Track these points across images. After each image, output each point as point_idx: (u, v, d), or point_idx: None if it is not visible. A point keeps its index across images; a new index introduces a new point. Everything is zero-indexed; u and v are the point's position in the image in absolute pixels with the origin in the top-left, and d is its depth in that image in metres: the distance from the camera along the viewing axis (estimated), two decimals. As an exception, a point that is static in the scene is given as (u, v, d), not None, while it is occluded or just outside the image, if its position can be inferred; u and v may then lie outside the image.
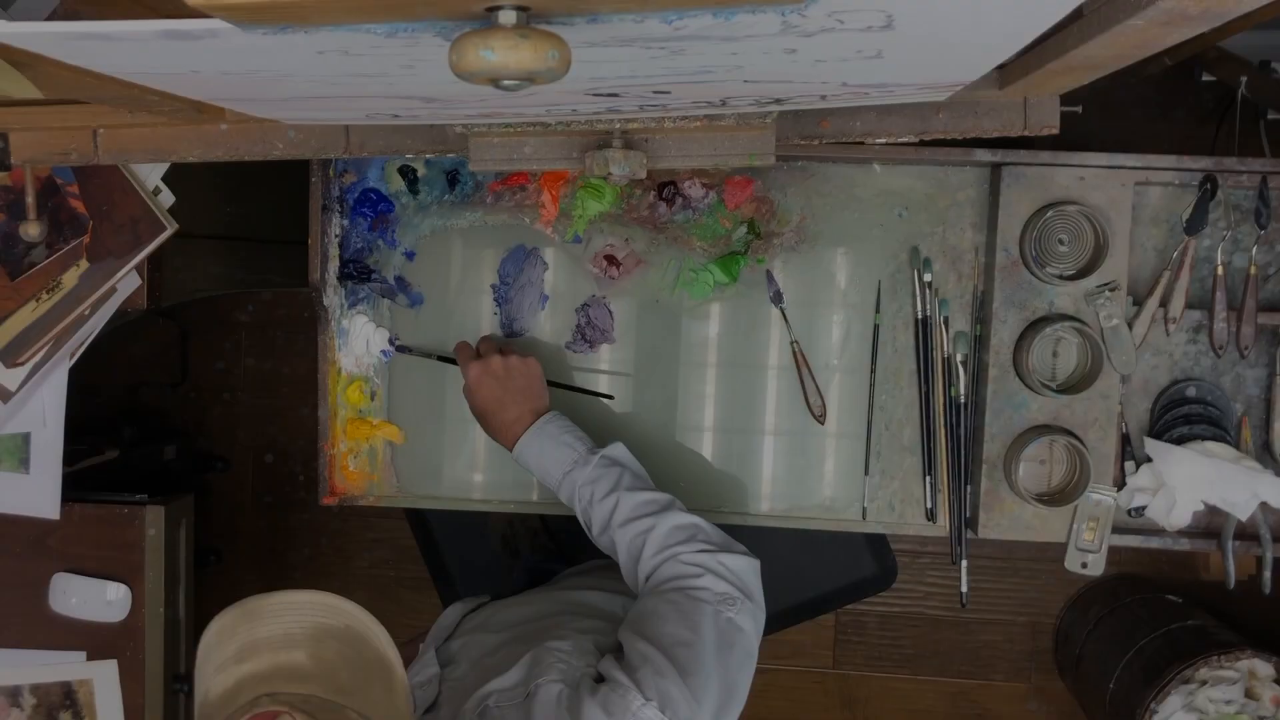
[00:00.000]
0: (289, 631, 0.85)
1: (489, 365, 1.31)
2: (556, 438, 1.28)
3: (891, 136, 1.13)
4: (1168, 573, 2.60)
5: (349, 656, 0.85)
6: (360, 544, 2.76)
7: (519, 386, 1.31)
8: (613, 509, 1.21)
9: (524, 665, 1.02)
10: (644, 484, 1.26)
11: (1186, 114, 2.49)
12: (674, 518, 1.18)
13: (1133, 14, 0.70)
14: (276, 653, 0.83)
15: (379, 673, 0.86)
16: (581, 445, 1.28)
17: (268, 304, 2.72)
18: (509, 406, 1.30)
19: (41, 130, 1.18)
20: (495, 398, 1.30)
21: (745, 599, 1.11)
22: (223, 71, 0.67)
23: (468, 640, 1.19)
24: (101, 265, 1.40)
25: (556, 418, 1.30)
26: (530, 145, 1.07)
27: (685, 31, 0.57)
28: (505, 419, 1.30)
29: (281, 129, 1.15)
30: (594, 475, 1.24)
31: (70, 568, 1.63)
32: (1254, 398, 1.42)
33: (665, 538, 1.16)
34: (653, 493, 1.23)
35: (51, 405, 1.50)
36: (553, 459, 1.27)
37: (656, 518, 1.18)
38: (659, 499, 1.21)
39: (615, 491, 1.22)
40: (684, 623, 1.05)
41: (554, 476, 1.27)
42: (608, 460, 1.25)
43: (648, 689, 0.97)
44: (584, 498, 1.24)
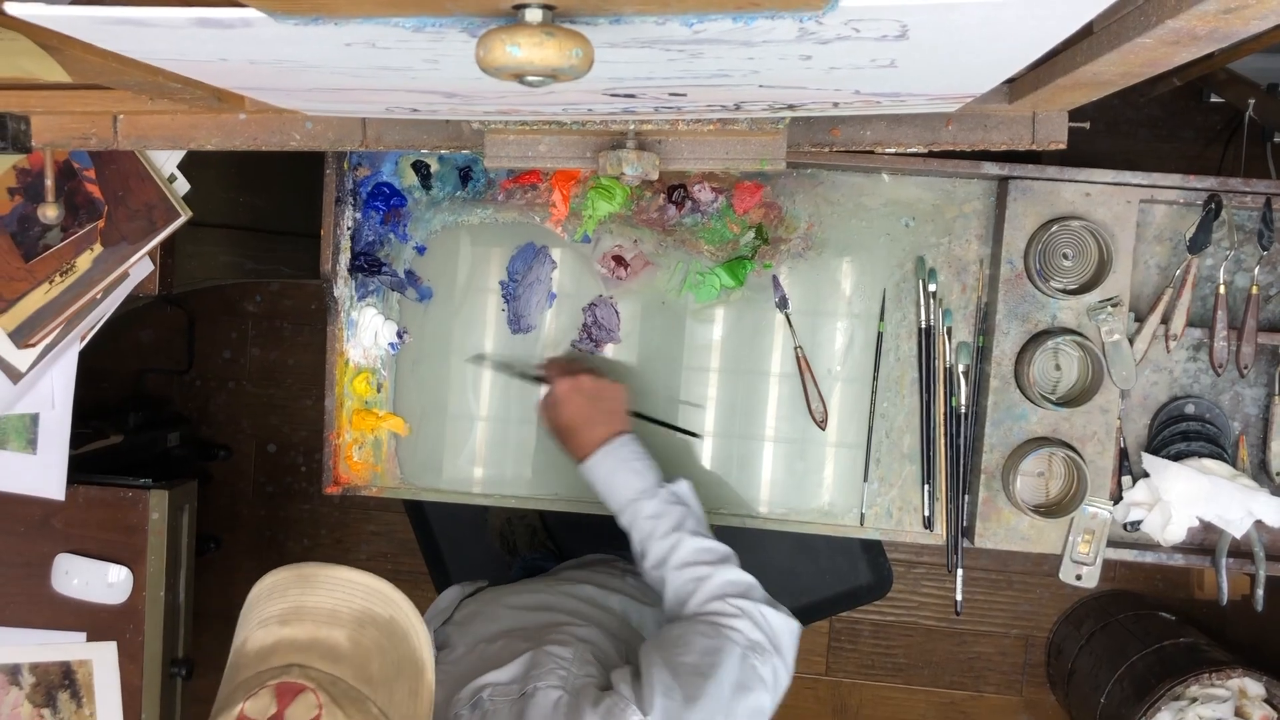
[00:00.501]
0: (336, 608, 0.85)
1: (580, 382, 1.33)
2: (628, 463, 1.28)
3: (901, 146, 1.15)
4: (1161, 590, 2.61)
5: (385, 649, 0.85)
6: (359, 536, 2.77)
7: (606, 409, 1.33)
8: (672, 548, 1.21)
9: (522, 663, 1.02)
10: (704, 529, 1.26)
11: (1194, 135, 2.50)
12: (730, 572, 1.18)
13: (1142, 32, 0.71)
14: (319, 625, 0.83)
15: (410, 672, 0.86)
16: (650, 475, 1.28)
17: (275, 295, 2.74)
18: (594, 425, 1.31)
19: (63, 114, 1.20)
20: (582, 415, 1.32)
21: (775, 653, 1.11)
22: (250, 60, 0.69)
23: (465, 626, 1.19)
24: (115, 250, 1.41)
25: (631, 442, 1.31)
26: (545, 143, 1.08)
27: (705, 35, 0.58)
28: (586, 437, 1.31)
29: (299, 120, 1.17)
30: (658, 510, 1.24)
31: (73, 549, 1.65)
32: (1252, 417, 1.44)
33: (717, 589, 1.16)
34: (712, 541, 1.22)
35: (60, 387, 1.52)
36: (621, 483, 1.27)
37: (713, 568, 1.18)
38: (718, 550, 1.21)
39: (678, 532, 1.22)
40: (707, 655, 1.06)
41: (618, 500, 1.27)
42: (674, 497, 1.26)
43: (648, 706, 0.97)
44: (644, 530, 1.24)
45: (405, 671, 0.86)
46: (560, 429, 1.34)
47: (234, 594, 3.09)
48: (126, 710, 1.66)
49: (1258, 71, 1.95)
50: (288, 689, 0.77)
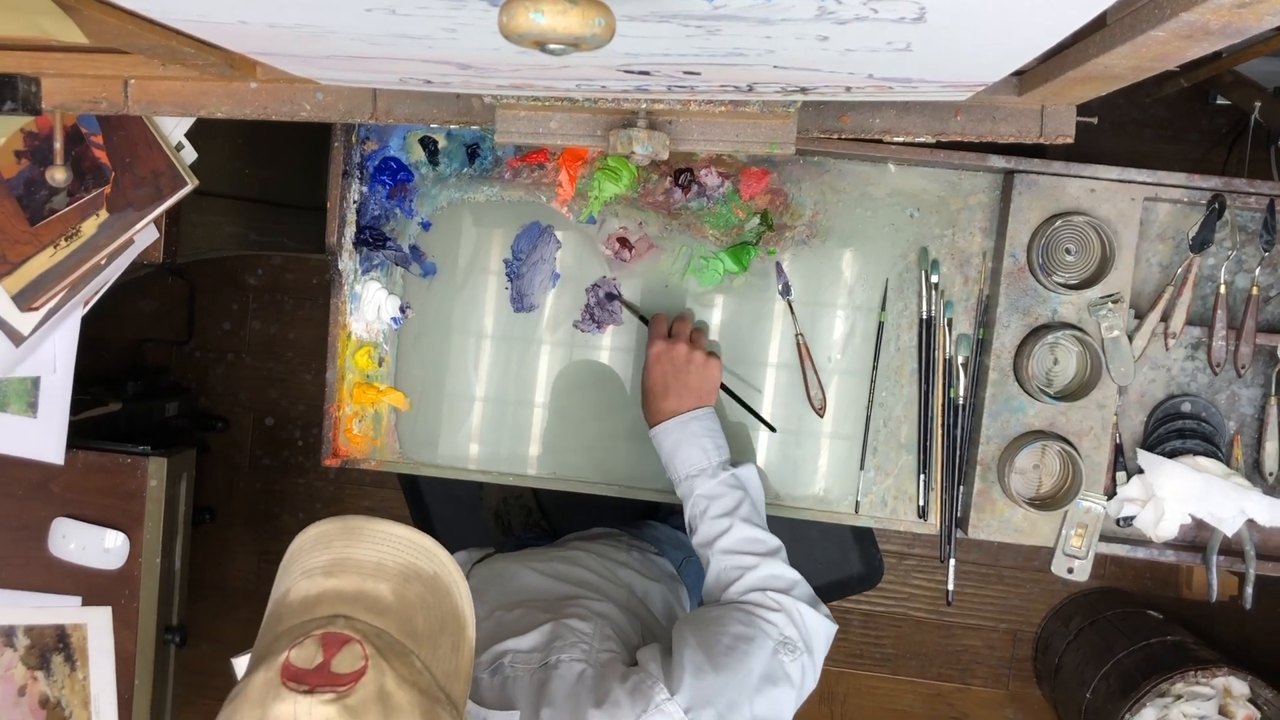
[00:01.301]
0: (381, 561, 0.85)
1: (673, 350, 1.33)
2: (697, 438, 1.29)
3: (909, 135, 1.15)
4: (1150, 588, 2.63)
5: (429, 604, 0.85)
6: (354, 512, 2.77)
7: (689, 383, 1.32)
8: (721, 532, 1.21)
9: (543, 633, 1.03)
10: (759, 518, 1.26)
11: (1199, 137, 2.51)
12: (776, 566, 1.18)
13: (1155, 25, 0.72)
14: (365, 578, 0.83)
15: (452, 628, 0.86)
16: (716, 455, 1.28)
17: (277, 268, 2.74)
18: (671, 395, 1.31)
19: (73, 77, 1.20)
20: (663, 383, 1.32)
21: (806, 653, 1.12)
22: (270, 24, 0.69)
23: (480, 592, 1.19)
24: (121, 216, 1.42)
25: (705, 416, 1.31)
26: (556, 120, 1.09)
27: (724, 11, 0.58)
28: (661, 404, 1.32)
29: (310, 90, 1.17)
30: (716, 491, 1.25)
31: (71, 513, 1.66)
32: (1248, 416, 1.45)
33: (760, 581, 1.17)
34: (764, 533, 1.23)
35: (63, 351, 1.52)
36: (684, 456, 1.28)
37: (760, 559, 1.19)
38: (768, 542, 1.22)
39: (730, 516, 1.22)
40: (740, 641, 1.06)
41: (679, 472, 1.29)
42: (735, 480, 1.26)
43: (676, 685, 0.98)
44: (699, 507, 1.25)
45: (448, 627, 0.86)
46: (644, 389, 1.35)
47: (228, 566, 3.13)
48: (120, 675, 1.67)
49: (1265, 75, 1.95)
50: (334, 639, 0.76)
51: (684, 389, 1.31)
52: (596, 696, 0.96)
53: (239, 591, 2.83)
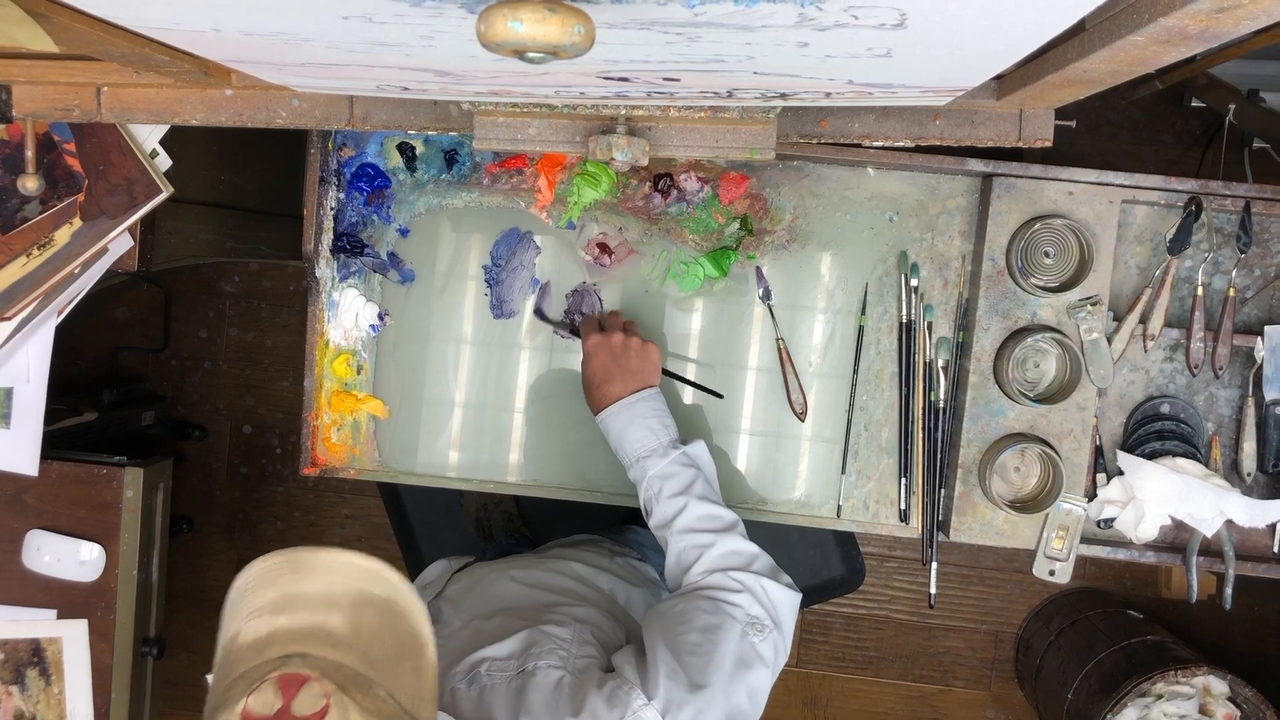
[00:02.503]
0: (331, 592, 0.81)
1: (609, 340, 1.32)
2: (644, 419, 1.27)
3: (889, 140, 1.15)
4: (1130, 589, 2.65)
5: (385, 629, 0.82)
6: (333, 519, 2.76)
7: (630, 366, 1.31)
8: (677, 512, 1.20)
9: (520, 640, 1.02)
10: (714, 494, 1.25)
11: (1173, 139, 2.53)
12: (734, 541, 1.17)
13: (1133, 30, 0.72)
14: (315, 612, 0.80)
15: (412, 651, 0.83)
16: (665, 435, 1.27)
17: (254, 275, 2.72)
18: (614, 381, 1.30)
19: (45, 85, 1.18)
20: (604, 370, 1.31)
21: (775, 629, 1.11)
22: (244, 31, 0.68)
23: (458, 602, 1.18)
24: (94, 224, 1.40)
25: (651, 397, 1.30)
26: (535, 127, 1.08)
27: (705, 18, 0.58)
28: (605, 391, 1.30)
29: (286, 97, 1.16)
30: (668, 471, 1.24)
31: (45, 525, 1.63)
32: (1226, 417, 1.46)
33: (719, 559, 1.16)
34: (720, 508, 1.22)
35: (36, 361, 1.50)
36: (633, 438, 1.27)
37: (717, 535, 1.18)
38: (724, 517, 1.21)
39: (685, 495, 1.21)
40: (708, 633, 1.06)
41: (629, 456, 1.27)
42: (686, 459, 1.25)
43: (652, 689, 0.97)
44: (652, 488, 1.24)
45: (407, 649, 0.83)
46: (585, 383, 1.34)
47: (206, 575, 3.10)
48: (96, 689, 1.64)
49: (1238, 77, 1.97)
50: (291, 680, 0.73)
51: (626, 373, 1.30)
52: (574, 704, 0.95)
53: (217, 601, 2.78)
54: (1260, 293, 1.44)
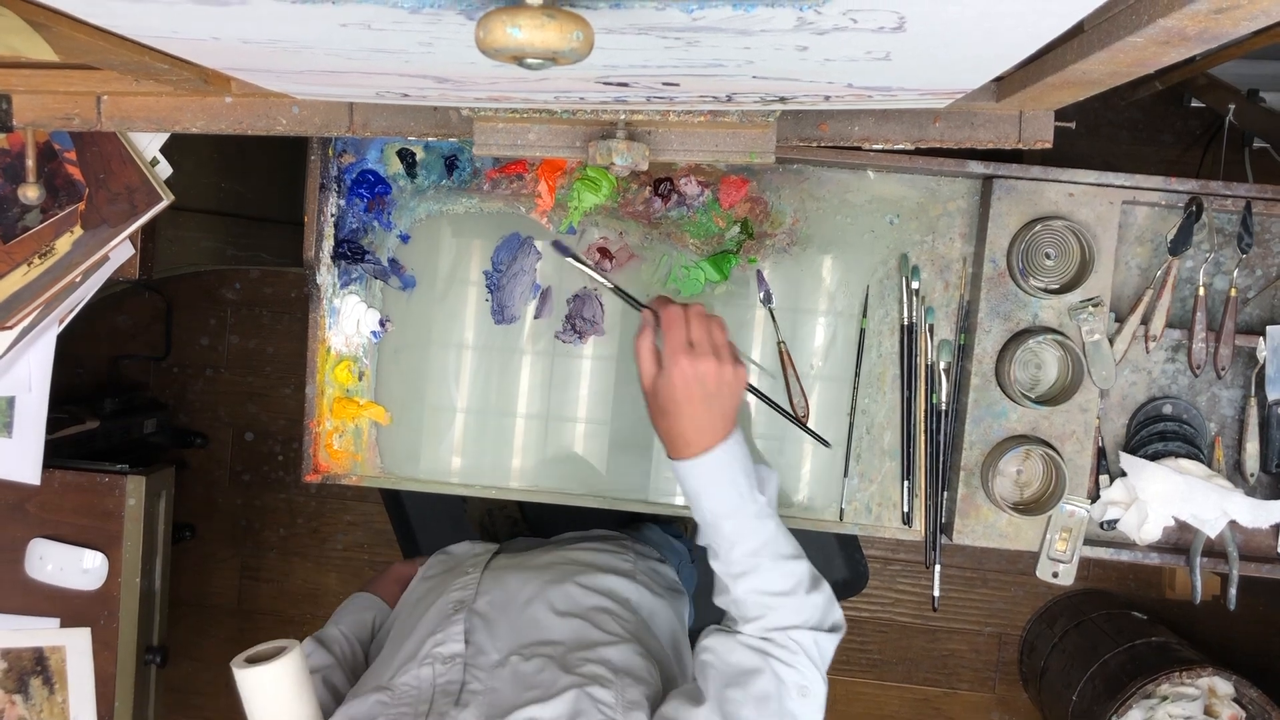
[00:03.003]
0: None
1: (700, 368, 1.06)
2: (733, 477, 1.09)
3: (889, 143, 1.15)
4: (1134, 590, 2.64)
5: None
6: (336, 526, 2.76)
7: (725, 408, 1.09)
8: (747, 571, 1.10)
9: (567, 703, 0.99)
10: (787, 543, 1.12)
11: (1173, 139, 2.53)
12: (799, 601, 1.09)
13: (1132, 31, 0.72)
14: None
15: None
16: (749, 491, 1.10)
17: (255, 282, 2.72)
18: (705, 429, 1.08)
19: (45, 94, 1.19)
20: (690, 411, 1.08)
21: (821, 683, 1.07)
22: (243, 40, 0.68)
23: (493, 620, 1.15)
24: (95, 233, 1.40)
25: (737, 443, 1.10)
26: (534, 132, 1.08)
27: (703, 22, 0.58)
28: (692, 437, 1.09)
29: (286, 104, 1.16)
30: (747, 529, 1.10)
31: (48, 534, 1.63)
32: (1228, 418, 1.45)
33: (784, 619, 1.08)
34: (792, 563, 1.11)
35: (38, 370, 1.50)
36: (715, 498, 1.10)
37: (785, 598, 1.09)
38: (796, 573, 1.10)
39: (757, 554, 1.09)
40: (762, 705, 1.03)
41: (705, 513, 1.11)
42: (764, 512, 1.11)
43: None
44: (722, 544, 1.11)
45: None
46: (659, 405, 1.11)
47: (209, 583, 3.10)
48: (99, 697, 1.65)
49: (1238, 77, 1.97)
50: None
51: (717, 418, 1.08)
52: None
53: (220, 608, 2.81)
54: (1262, 293, 1.44)
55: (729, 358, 1.09)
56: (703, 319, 1.11)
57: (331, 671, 1.24)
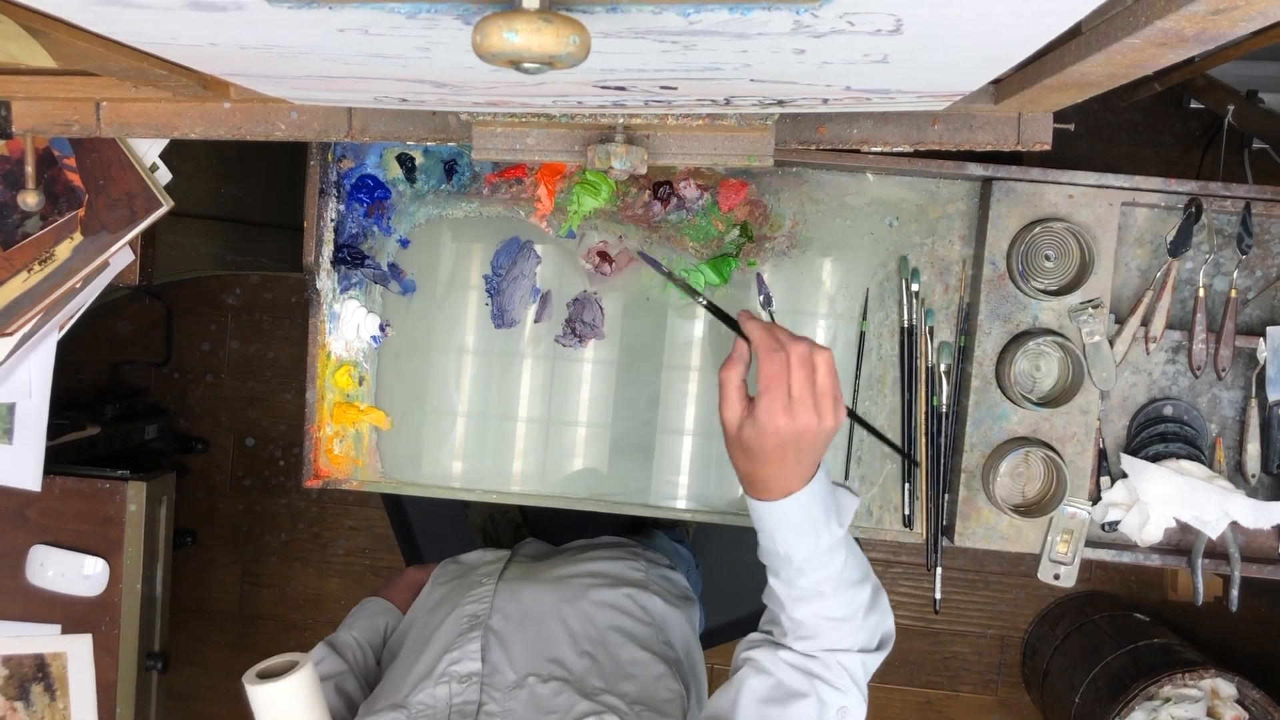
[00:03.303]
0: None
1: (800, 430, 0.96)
2: (809, 520, 1.02)
3: (887, 145, 1.15)
4: (1136, 591, 2.64)
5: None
6: (337, 531, 2.76)
7: (814, 458, 1.01)
8: (812, 598, 1.05)
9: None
10: (854, 566, 1.07)
11: (1173, 140, 2.53)
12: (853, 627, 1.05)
13: (1130, 33, 0.72)
14: None
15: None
16: (825, 527, 1.03)
17: (255, 287, 2.72)
18: (790, 476, 1.00)
19: (44, 100, 1.19)
20: (781, 463, 0.99)
21: (859, 703, 1.05)
22: (240, 45, 0.68)
23: (508, 638, 1.14)
24: (95, 239, 1.40)
25: (820, 488, 1.02)
26: (533, 136, 1.08)
27: (700, 26, 0.58)
28: (774, 485, 1.01)
29: (284, 110, 1.16)
30: (819, 562, 1.04)
31: (49, 540, 1.63)
32: (1229, 419, 1.45)
33: (837, 642, 1.05)
34: (856, 590, 1.06)
35: (38, 377, 1.50)
36: (787, 535, 1.03)
37: (842, 624, 1.05)
38: (857, 599, 1.06)
39: (823, 585, 1.04)
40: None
41: (776, 543, 1.04)
42: (841, 543, 1.05)
43: None
44: (788, 571, 1.05)
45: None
46: (741, 453, 1.01)
47: (210, 588, 3.10)
48: (101, 703, 1.64)
49: (1237, 78, 1.97)
50: None
51: (805, 466, 1.00)
52: None
53: (221, 614, 2.81)
54: (1262, 294, 1.43)
55: (830, 409, 0.97)
56: (807, 366, 0.97)
57: (344, 678, 1.24)
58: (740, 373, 1.01)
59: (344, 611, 1.43)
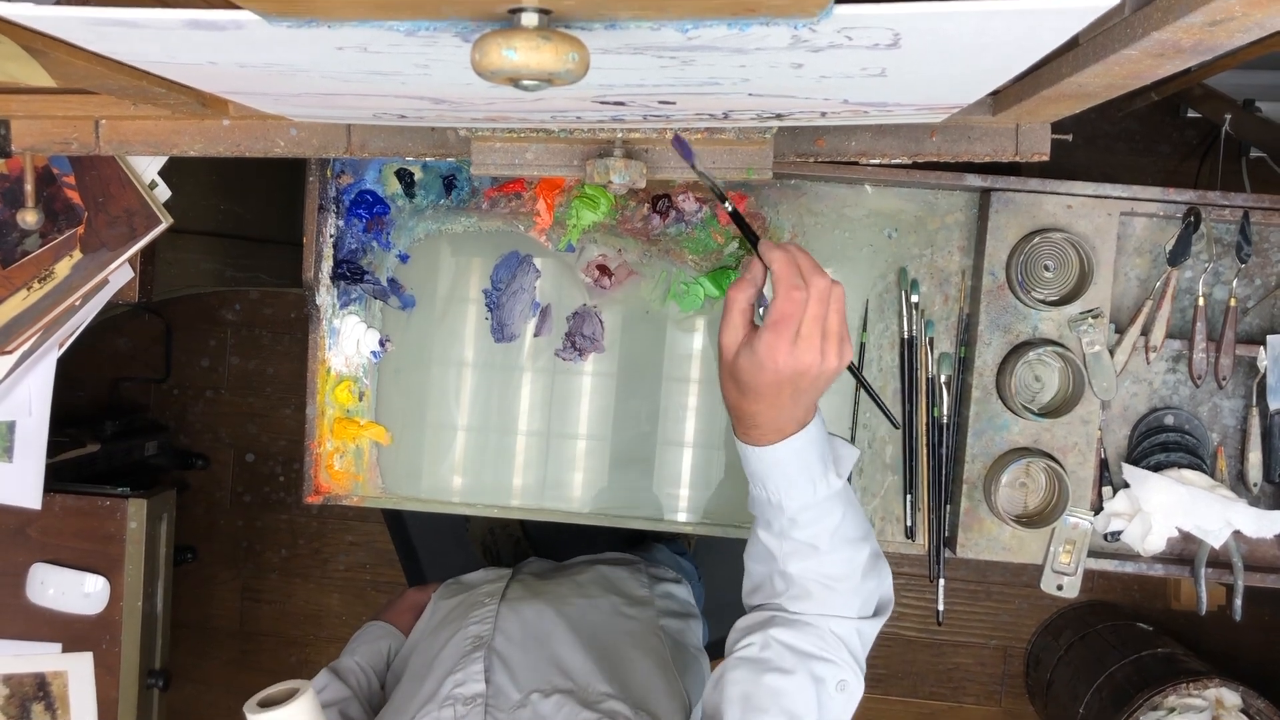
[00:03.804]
0: None
1: (801, 368, 0.91)
2: (808, 463, 0.98)
3: (885, 157, 1.15)
4: (1139, 600, 2.63)
5: None
6: (337, 546, 2.76)
7: (811, 399, 0.96)
8: (806, 554, 1.01)
9: None
10: (853, 522, 1.03)
11: (1170, 150, 2.53)
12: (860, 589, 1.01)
13: (1127, 44, 0.72)
14: None
15: None
16: (821, 475, 0.99)
17: (255, 303, 2.72)
18: (783, 417, 0.95)
19: (43, 119, 1.19)
20: (775, 400, 0.94)
21: (856, 677, 1.00)
22: (239, 64, 0.68)
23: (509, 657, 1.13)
24: (95, 256, 1.40)
25: (816, 432, 0.98)
26: (532, 151, 1.08)
27: (699, 41, 0.58)
28: (766, 425, 0.97)
29: (284, 126, 1.16)
30: (814, 516, 1.00)
31: (49, 558, 1.63)
32: (1230, 428, 1.45)
33: (841, 608, 1.01)
34: (854, 549, 1.02)
35: (38, 394, 1.50)
36: (779, 482, 0.99)
37: (841, 584, 1.01)
38: (855, 560, 1.01)
39: (817, 540, 1.00)
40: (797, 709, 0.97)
41: (769, 491, 1.00)
42: (838, 495, 1.01)
43: None
44: (780, 522, 1.01)
45: None
46: (733, 384, 0.96)
47: (210, 605, 3.09)
48: (102, 722, 1.64)
49: (1234, 87, 1.97)
50: None
51: (800, 409, 0.96)
52: None
53: (222, 630, 2.80)
54: (1261, 302, 1.44)
55: (834, 350, 0.92)
56: (823, 303, 0.91)
57: (348, 704, 1.23)
58: (749, 295, 0.96)
59: (344, 627, 1.43)
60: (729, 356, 0.95)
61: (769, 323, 0.91)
